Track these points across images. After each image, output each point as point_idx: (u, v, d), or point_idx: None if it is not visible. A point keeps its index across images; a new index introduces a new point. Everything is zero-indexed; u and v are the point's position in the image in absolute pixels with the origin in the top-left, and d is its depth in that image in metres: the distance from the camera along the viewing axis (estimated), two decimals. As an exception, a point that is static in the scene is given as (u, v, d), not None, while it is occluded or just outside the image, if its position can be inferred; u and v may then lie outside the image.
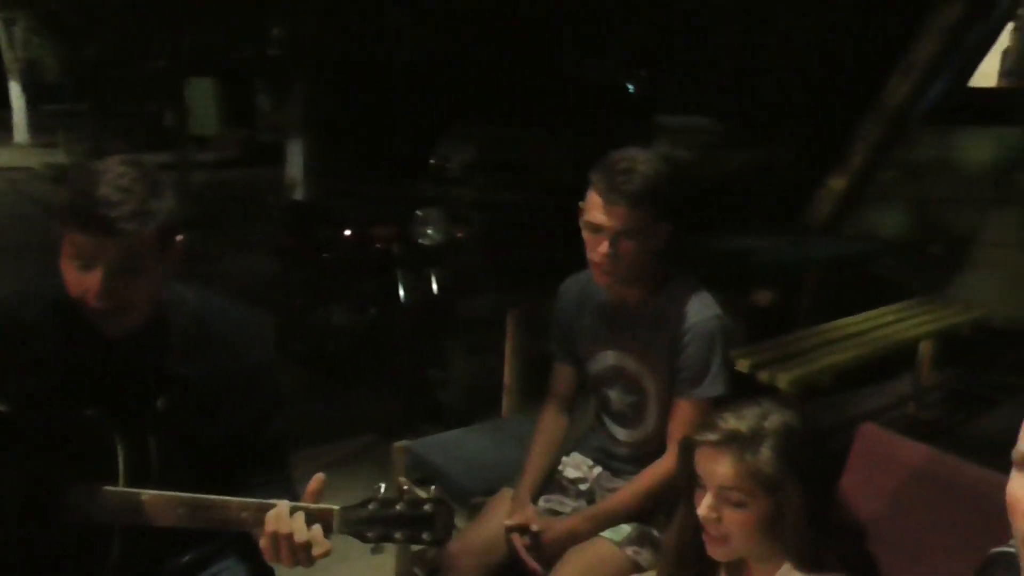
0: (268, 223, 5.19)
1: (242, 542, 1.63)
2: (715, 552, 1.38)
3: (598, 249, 1.81)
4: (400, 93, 8.26)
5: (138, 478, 1.40)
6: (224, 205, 8.05)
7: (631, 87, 8.33)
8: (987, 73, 5.47)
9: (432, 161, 6.83)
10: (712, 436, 1.35)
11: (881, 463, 1.86)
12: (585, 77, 8.30)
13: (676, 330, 1.86)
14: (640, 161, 1.80)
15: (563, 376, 2.12)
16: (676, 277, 1.93)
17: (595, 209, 1.80)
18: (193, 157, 10.04)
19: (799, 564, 1.34)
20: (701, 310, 1.85)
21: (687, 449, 1.41)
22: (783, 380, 3.04)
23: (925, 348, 3.83)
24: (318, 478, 1.34)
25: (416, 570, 2.70)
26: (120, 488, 1.38)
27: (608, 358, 1.99)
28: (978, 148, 4.70)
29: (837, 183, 4.84)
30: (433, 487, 1.33)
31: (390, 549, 2.73)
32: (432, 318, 3.68)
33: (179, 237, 1.40)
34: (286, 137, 6.74)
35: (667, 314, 1.88)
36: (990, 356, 4.61)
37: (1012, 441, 1.06)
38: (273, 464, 1.57)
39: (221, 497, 1.36)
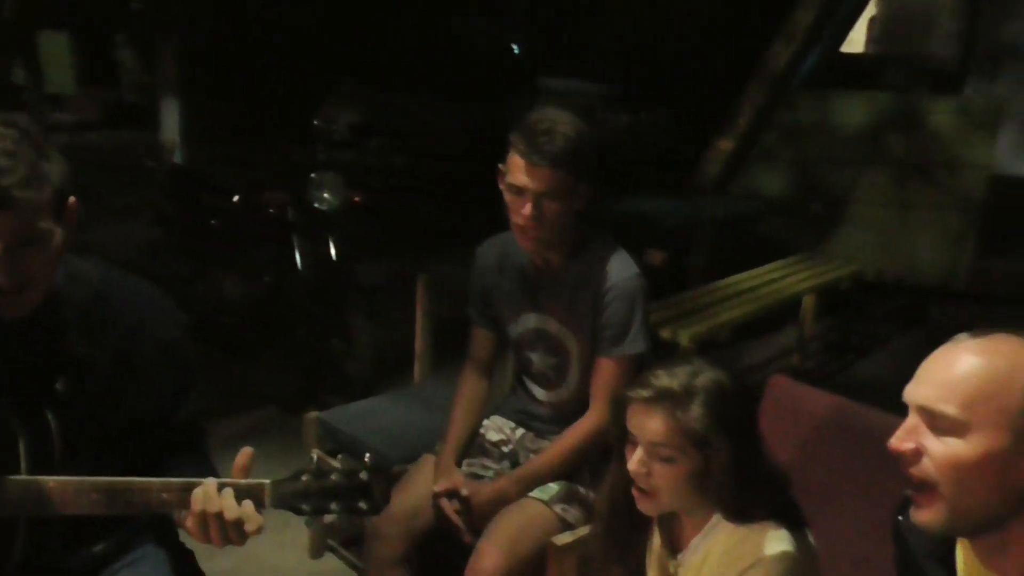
0: (145, 189, 4.89)
1: (158, 526, 1.55)
2: (644, 506, 1.41)
3: (522, 211, 1.79)
4: (281, 53, 7.92)
5: (41, 466, 1.30)
6: (89, 171, 7.53)
7: (516, 49, 8.29)
8: (856, 40, 5.74)
9: (316, 123, 6.59)
10: (644, 393, 1.36)
11: (791, 413, 1.96)
12: (471, 40, 8.20)
13: (598, 290, 1.87)
14: (561, 122, 1.78)
15: (482, 340, 2.10)
16: (596, 239, 1.94)
17: (517, 171, 1.78)
18: (49, 118, 9.33)
19: (728, 515, 1.39)
20: (622, 270, 1.87)
21: (619, 405, 1.42)
22: (684, 336, 3.14)
23: (808, 302, 4.04)
24: (245, 452, 1.27)
25: (330, 541, 2.66)
26: (23, 477, 1.27)
27: (530, 321, 1.98)
28: (851, 111, 4.96)
29: (724, 144, 5.01)
30: (367, 455, 1.28)
31: (301, 522, 2.66)
32: (332, 285, 3.56)
33: (72, 199, 1.28)
34: (157, 98, 6.34)
35: (589, 275, 1.89)
36: (863, 308, 4.93)
37: (885, 386, 1.13)
38: (190, 443, 1.49)
39: (140, 479, 1.27)
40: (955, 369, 1.07)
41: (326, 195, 3.59)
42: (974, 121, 4.74)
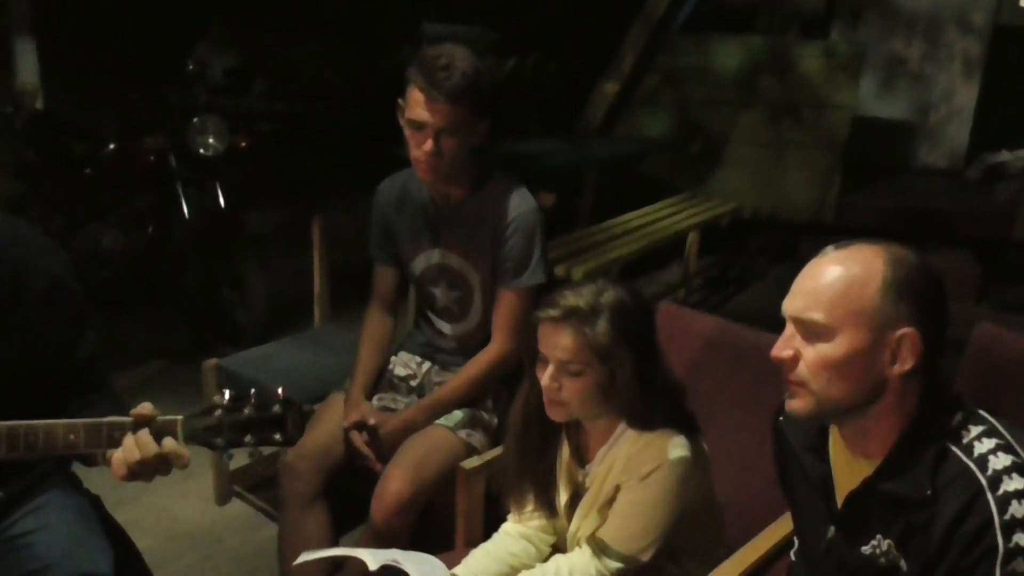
0: (4, 139, 4.55)
1: (62, 472, 1.52)
2: (554, 414, 1.50)
3: (422, 147, 1.81)
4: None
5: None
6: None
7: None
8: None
9: (190, 67, 6.29)
10: (553, 312, 1.44)
11: (679, 335, 2.09)
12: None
13: (498, 224, 1.92)
14: (459, 58, 1.80)
15: (384, 277, 2.12)
16: (495, 174, 1.98)
17: (417, 106, 1.79)
18: None
19: (631, 423, 1.49)
20: (521, 204, 1.93)
21: (529, 326, 1.49)
22: (578, 273, 3.25)
23: (692, 239, 4.24)
24: (145, 406, 1.27)
25: (236, 488, 2.65)
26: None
27: (433, 256, 2.02)
28: (728, 54, 5.15)
29: (609, 87, 5.11)
30: (280, 388, 1.30)
31: (203, 471, 2.64)
32: (221, 234, 3.47)
33: None
34: (9, 39, 5.87)
35: (488, 210, 1.94)
36: (740, 244, 5.20)
37: (762, 315, 1.24)
38: (93, 384, 1.47)
39: (43, 421, 1.25)
40: (820, 279, 1.19)
41: (210, 140, 3.47)
42: (839, 64, 5.01)
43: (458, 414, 1.96)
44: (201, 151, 3.45)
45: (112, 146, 3.68)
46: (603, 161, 4.80)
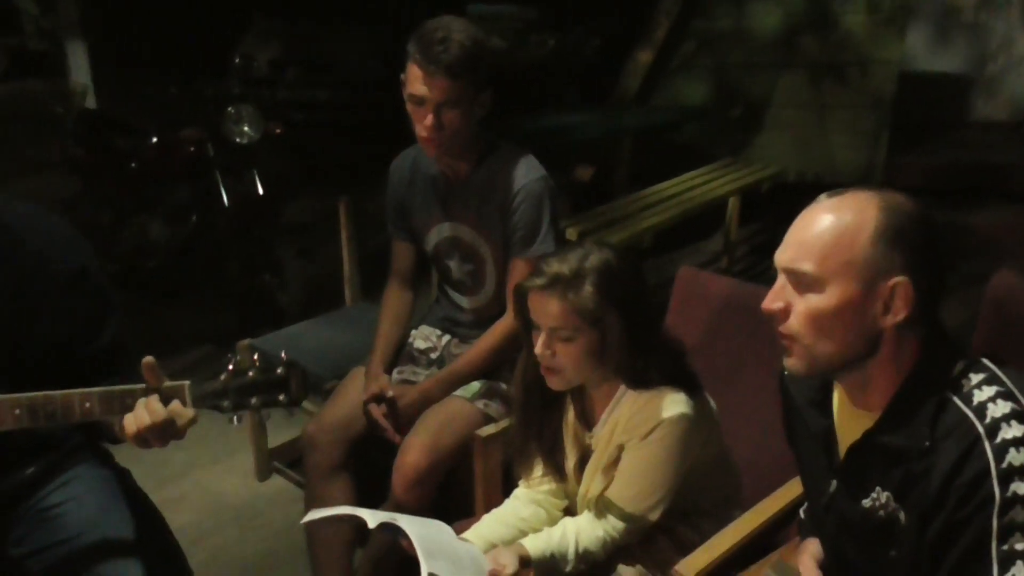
0: (59, 138, 4.74)
1: (90, 447, 1.60)
2: (553, 383, 1.50)
3: (424, 122, 1.82)
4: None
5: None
6: (2, 125, 7.24)
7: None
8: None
9: (237, 61, 6.43)
10: (539, 281, 1.44)
11: (697, 297, 2.08)
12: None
13: (506, 195, 1.92)
14: (456, 30, 1.80)
15: (402, 252, 2.15)
16: (502, 145, 1.98)
17: (416, 81, 1.80)
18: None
19: (628, 382, 1.49)
20: (528, 173, 1.92)
21: (520, 296, 1.50)
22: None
23: (733, 206, 4.17)
24: (147, 360, 1.30)
25: (276, 464, 2.74)
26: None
27: (444, 229, 2.04)
28: (766, 15, 5.00)
29: (644, 56, 5.04)
30: (283, 352, 1.33)
31: (245, 449, 2.73)
32: (260, 220, 3.56)
33: None
34: (63, 43, 6.08)
35: (496, 181, 1.94)
36: (786, 210, 5.08)
37: None
38: (117, 368, 1.52)
39: (59, 391, 1.30)
40: (811, 229, 1.16)
41: (245, 128, 3.55)
42: (883, 19, 4.83)
43: (475, 385, 1.98)
44: (237, 140, 3.54)
45: (154, 139, 3.80)
46: (639, 131, 4.74)
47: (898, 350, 1.17)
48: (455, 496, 2.01)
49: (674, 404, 1.45)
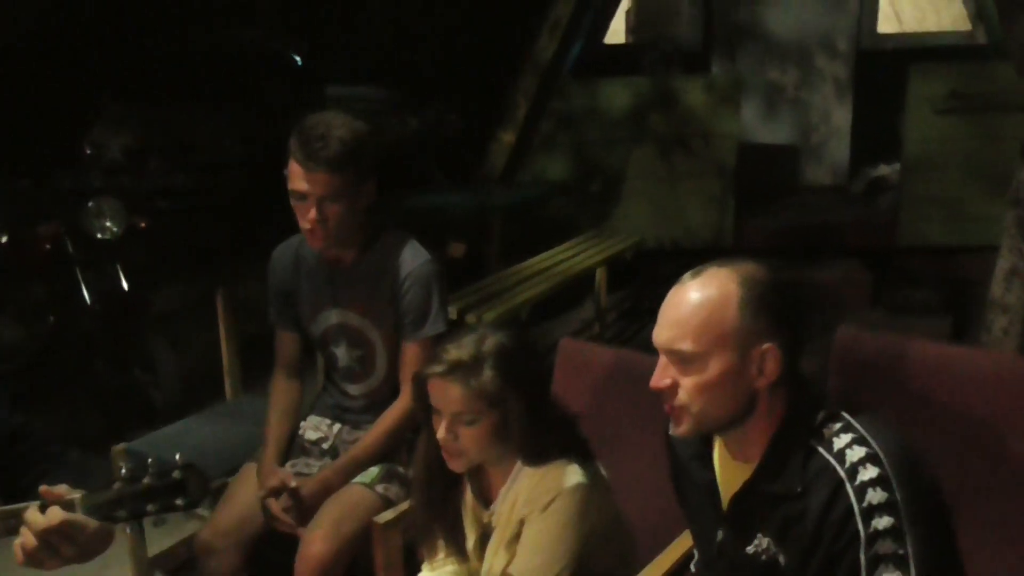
0: None
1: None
2: (455, 465, 1.55)
3: (307, 216, 1.86)
4: (30, 77, 7.30)
5: None
6: None
7: (298, 59, 8.17)
8: (617, 31, 6.22)
9: (88, 151, 6.20)
10: (439, 368, 1.49)
11: (579, 368, 2.18)
12: (240, 47, 7.96)
13: (395, 280, 1.98)
14: (335, 126, 1.86)
15: (287, 342, 2.15)
16: (387, 231, 2.04)
17: (297, 178, 1.84)
18: None
19: (527, 459, 1.56)
20: (415, 257, 1.99)
21: (420, 383, 1.55)
22: (488, 318, 3.32)
23: (600, 275, 4.38)
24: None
25: (157, 573, 2.59)
26: None
27: (331, 317, 2.06)
28: (616, 96, 5.38)
29: (506, 136, 5.28)
30: (177, 455, 1.30)
31: (122, 557, 2.57)
32: (127, 316, 3.42)
33: None
34: None
35: (384, 266, 1.99)
36: (650, 275, 5.38)
37: None
38: None
39: None
40: (681, 309, 1.29)
41: (107, 223, 3.44)
42: (720, 96, 5.30)
43: (374, 470, 1.98)
44: (99, 235, 3.42)
45: (3, 238, 3.61)
46: (507, 207, 4.93)
47: (770, 406, 1.31)
48: (359, 585, 1.99)
49: (571, 475, 1.53)
